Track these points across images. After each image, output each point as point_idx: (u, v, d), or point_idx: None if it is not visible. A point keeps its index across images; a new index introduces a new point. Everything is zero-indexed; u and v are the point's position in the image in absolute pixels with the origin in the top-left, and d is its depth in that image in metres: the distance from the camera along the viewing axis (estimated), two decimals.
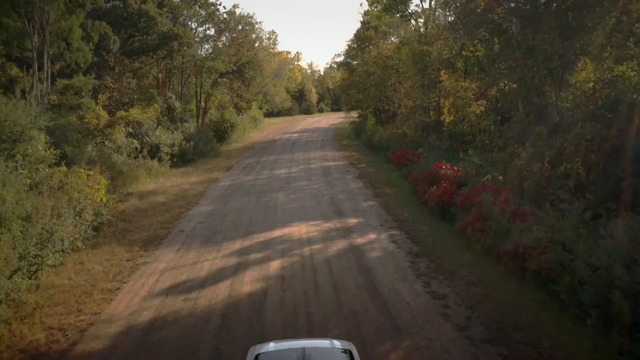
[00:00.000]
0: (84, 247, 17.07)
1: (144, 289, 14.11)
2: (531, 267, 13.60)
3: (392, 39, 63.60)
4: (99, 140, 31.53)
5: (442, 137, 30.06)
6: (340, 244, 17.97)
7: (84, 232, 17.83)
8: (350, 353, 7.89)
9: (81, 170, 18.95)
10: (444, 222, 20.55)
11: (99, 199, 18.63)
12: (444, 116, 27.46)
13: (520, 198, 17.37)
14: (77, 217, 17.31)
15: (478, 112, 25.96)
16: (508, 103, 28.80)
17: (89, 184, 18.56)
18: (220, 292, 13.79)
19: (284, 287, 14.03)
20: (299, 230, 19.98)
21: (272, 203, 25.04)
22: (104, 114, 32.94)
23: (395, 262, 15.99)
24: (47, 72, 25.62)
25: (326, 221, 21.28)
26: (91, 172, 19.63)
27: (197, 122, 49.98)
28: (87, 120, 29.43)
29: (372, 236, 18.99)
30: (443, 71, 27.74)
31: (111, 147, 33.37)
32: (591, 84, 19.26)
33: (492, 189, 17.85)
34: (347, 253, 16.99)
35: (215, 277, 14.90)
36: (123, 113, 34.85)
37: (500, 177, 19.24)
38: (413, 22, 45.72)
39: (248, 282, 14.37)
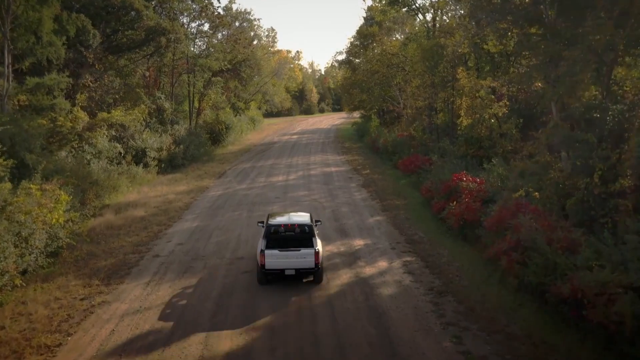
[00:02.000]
0: (22, 285, 13.82)
1: (92, 345, 10.94)
2: (594, 318, 10.45)
3: (397, 36, 60.58)
4: (76, 145, 28.48)
5: (456, 141, 26.88)
6: (345, 276, 14.81)
7: (34, 261, 14.69)
8: (311, 214, 16.16)
9: (32, 185, 15.77)
10: (467, 244, 17.43)
11: (54, 219, 15.46)
12: (460, 118, 24.27)
13: (565, 220, 14.23)
14: (24, 245, 14.17)
15: (500, 114, 22.80)
16: (533, 104, 25.73)
17: (44, 202, 15.41)
18: (190, 351, 10.63)
19: (274, 344, 10.87)
20: None
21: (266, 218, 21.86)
22: (82, 115, 29.89)
23: (414, 303, 12.84)
24: (7, 68, 22.46)
25: (328, 243, 18.12)
26: (48, 187, 16.46)
27: (190, 123, 46.86)
28: (59, 123, 26.32)
29: (382, 264, 15.84)
30: (460, 68, 24.57)
31: (91, 152, 30.39)
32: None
33: (530, 209, 14.70)
34: (354, 289, 13.84)
35: (187, 327, 11.74)
36: (105, 115, 31.78)
37: (536, 193, 16.06)
38: (420, 16, 42.55)
39: (227, 336, 11.21)
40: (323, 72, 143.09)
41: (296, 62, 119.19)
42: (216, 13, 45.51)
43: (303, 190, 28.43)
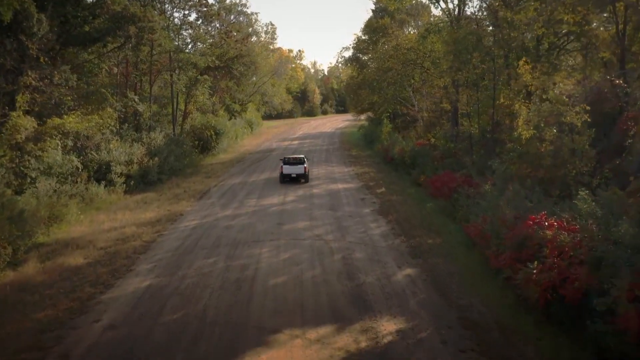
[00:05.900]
0: None
1: None
2: None
3: (410, 29, 54.23)
4: (10, 162, 22.12)
5: (505, 157, 20.33)
6: None
7: None
8: (304, 156, 33.04)
9: None
10: (563, 335, 10.92)
11: None
12: (519, 129, 17.79)
13: None
14: None
15: (579, 124, 16.33)
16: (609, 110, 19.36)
17: None
18: None
19: None
20: None
21: (250, 272, 15.39)
22: (25, 122, 23.51)
23: None
24: None
25: (339, 327, 11.65)
26: None
27: (174, 129, 40.43)
28: None
29: None
30: (523, 60, 18.00)
31: (38, 169, 24.04)
32: None
33: None
34: None
35: None
36: (56, 121, 25.37)
37: None
38: (442, 4, 36.00)
39: None
40: (326, 73, 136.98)
41: (298, 61, 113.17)
42: (203, 1, 39.06)
43: (304, 218, 21.96)
